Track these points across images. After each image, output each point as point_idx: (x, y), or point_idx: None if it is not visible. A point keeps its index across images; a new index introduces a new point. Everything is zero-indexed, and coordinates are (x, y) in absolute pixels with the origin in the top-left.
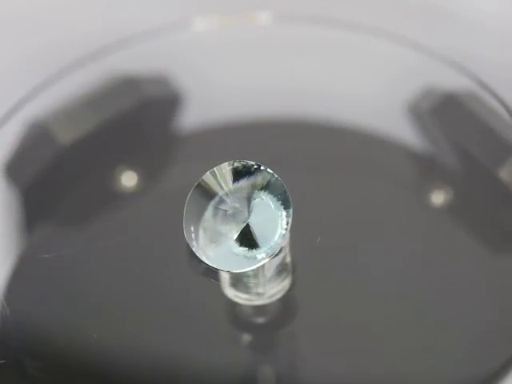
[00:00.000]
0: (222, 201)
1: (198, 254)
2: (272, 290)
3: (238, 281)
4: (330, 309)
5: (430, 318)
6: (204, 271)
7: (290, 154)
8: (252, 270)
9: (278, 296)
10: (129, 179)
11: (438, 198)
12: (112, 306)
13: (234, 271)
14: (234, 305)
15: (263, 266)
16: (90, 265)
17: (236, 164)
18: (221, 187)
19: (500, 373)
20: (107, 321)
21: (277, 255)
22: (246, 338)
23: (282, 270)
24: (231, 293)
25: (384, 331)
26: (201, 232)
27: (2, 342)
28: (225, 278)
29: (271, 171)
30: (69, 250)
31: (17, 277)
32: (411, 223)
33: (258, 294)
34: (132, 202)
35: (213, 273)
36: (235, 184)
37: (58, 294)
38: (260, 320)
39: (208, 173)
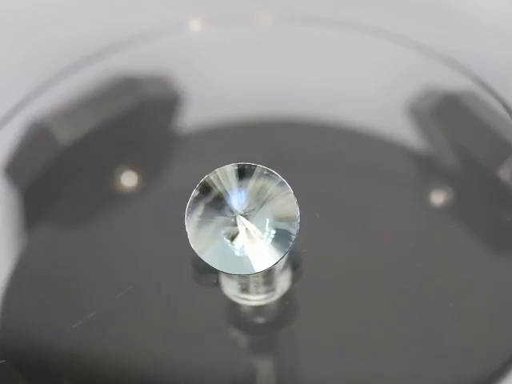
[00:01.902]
0: (226, 203)
1: (210, 263)
2: (282, 283)
3: (248, 284)
4: (330, 309)
5: (430, 318)
6: (210, 282)
7: (290, 153)
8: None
9: (286, 288)
10: (129, 179)
11: (438, 197)
12: (111, 305)
13: (250, 274)
14: (234, 305)
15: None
16: (90, 265)
17: (240, 166)
18: (225, 189)
19: (500, 373)
20: (106, 319)
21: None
22: (246, 338)
23: (287, 261)
24: (232, 293)
25: (384, 331)
26: (207, 237)
27: (2, 341)
28: (234, 285)
29: (276, 173)
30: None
31: (17, 277)
32: (411, 223)
33: (271, 290)
34: (132, 202)
35: (218, 284)
36: (239, 186)
37: (57, 294)
38: (260, 320)
39: (210, 174)
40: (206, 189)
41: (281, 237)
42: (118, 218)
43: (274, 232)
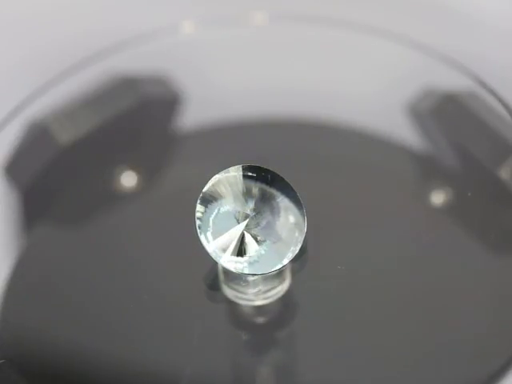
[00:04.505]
0: (233, 204)
1: (227, 266)
2: (288, 275)
3: (262, 282)
4: (330, 309)
5: (429, 318)
6: (222, 299)
7: (290, 153)
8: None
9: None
10: (129, 179)
11: (438, 197)
12: (111, 305)
13: (270, 272)
14: (234, 305)
15: None
16: (90, 265)
17: (249, 168)
18: (232, 190)
19: (500, 373)
20: (106, 320)
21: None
22: (246, 338)
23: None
24: (233, 294)
25: (384, 331)
26: (219, 240)
27: (2, 342)
28: (250, 290)
29: (282, 177)
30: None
31: (17, 277)
32: (411, 223)
33: (283, 282)
34: (132, 202)
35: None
36: (247, 188)
37: (57, 294)
38: (260, 320)
39: (219, 174)
40: (214, 188)
41: (287, 240)
42: (118, 218)
43: (279, 234)
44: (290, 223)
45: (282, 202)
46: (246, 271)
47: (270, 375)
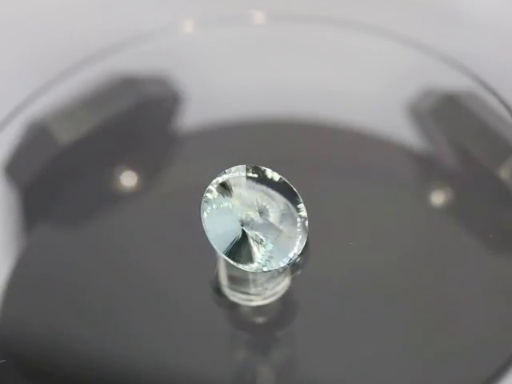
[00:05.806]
0: (236, 204)
1: (247, 269)
2: (289, 273)
3: (269, 280)
4: (330, 309)
5: (429, 318)
6: (229, 304)
7: (290, 154)
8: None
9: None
10: (129, 179)
11: (438, 197)
12: (111, 306)
13: (289, 264)
14: (233, 305)
15: None
16: (90, 265)
17: (248, 168)
18: (234, 191)
19: (500, 373)
20: (106, 320)
21: None
22: (246, 337)
23: None
24: (237, 296)
25: (383, 331)
26: (228, 244)
27: (2, 341)
28: (257, 289)
29: (281, 176)
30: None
31: (16, 277)
32: (411, 223)
33: (285, 279)
34: (132, 202)
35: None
36: (250, 188)
37: (57, 294)
38: (260, 320)
39: (222, 173)
40: (218, 187)
41: (289, 240)
42: (118, 218)
43: (279, 229)
44: (289, 220)
45: (282, 200)
46: (266, 269)
47: (270, 375)
